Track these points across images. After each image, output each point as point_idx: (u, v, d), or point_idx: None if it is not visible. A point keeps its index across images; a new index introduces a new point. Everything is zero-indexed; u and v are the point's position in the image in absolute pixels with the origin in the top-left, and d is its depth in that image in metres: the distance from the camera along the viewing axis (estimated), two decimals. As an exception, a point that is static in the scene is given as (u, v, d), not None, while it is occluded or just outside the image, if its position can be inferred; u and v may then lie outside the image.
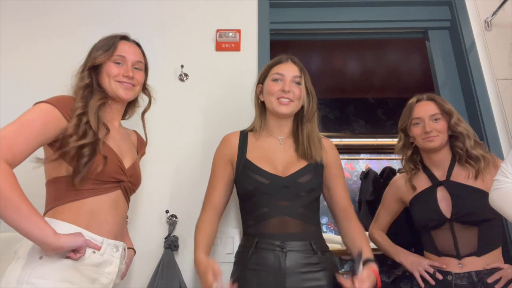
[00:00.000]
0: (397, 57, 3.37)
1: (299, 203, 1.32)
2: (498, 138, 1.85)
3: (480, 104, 1.91)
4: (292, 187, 1.33)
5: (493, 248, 1.44)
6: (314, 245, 1.29)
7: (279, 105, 1.40)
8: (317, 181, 1.37)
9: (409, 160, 1.66)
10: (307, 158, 1.38)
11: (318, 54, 3.39)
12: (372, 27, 2.19)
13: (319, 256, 1.28)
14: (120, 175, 1.24)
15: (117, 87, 1.31)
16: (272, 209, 1.31)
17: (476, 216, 1.44)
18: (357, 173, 3.57)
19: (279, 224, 1.30)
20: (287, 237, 1.28)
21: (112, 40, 1.35)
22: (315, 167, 1.38)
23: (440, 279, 1.45)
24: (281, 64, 1.46)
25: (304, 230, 1.31)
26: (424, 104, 1.61)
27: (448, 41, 2.15)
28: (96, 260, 1.15)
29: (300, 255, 1.27)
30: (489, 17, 2.07)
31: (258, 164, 1.37)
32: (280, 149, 1.42)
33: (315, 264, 1.27)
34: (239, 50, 1.97)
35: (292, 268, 1.25)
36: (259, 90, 1.50)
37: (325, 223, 3.43)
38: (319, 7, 2.18)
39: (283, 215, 1.30)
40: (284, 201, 1.31)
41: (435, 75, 2.11)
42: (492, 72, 1.98)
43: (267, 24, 2.05)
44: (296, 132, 1.45)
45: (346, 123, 3.81)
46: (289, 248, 1.27)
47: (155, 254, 1.61)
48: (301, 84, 1.43)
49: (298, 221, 1.31)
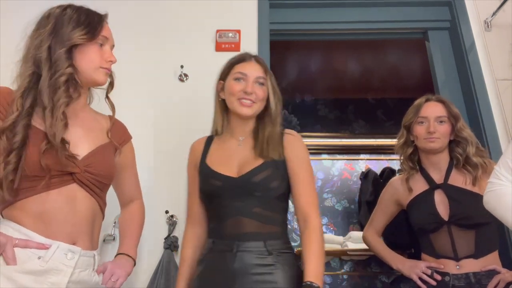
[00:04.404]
0: (397, 57, 3.36)
1: (254, 203, 1.26)
2: (498, 139, 1.85)
3: (480, 104, 1.91)
4: (245, 186, 1.27)
5: (490, 251, 1.46)
6: (269, 245, 1.22)
7: (241, 106, 1.33)
8: (277, 180, 1.29)
9: (408, 159, 1.65)
10: (263, 156, 1.31)
11: (318, 54, 3.38)
12: (372, 28, 2.19)
13: (274, 257, 1.21)
14: (67, 166, 1.06)
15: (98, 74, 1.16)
16: (226, 210, 1.28)
17: (473, 219, 1.44)
18: (357, 173, 3.57)
19: (234, 225, 1.26)
20: (241, 237, 1.23)
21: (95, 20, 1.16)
22: (274, 165, 1.30)
23: (438, 279, 1.45)
24: (244, 62, 1.39)
25: (260, 231, 1.25)
26: (432, 105, 1.61)
27: (448, 41, 2.15)
28: (37, 267, 0.97)
29: (252, 256, 1.21)
30: (489, 18, 2.07)
31: (214, 167, 1.33)
32: (239, 150, 1.37)
33: (269, 266, 1.20)
34: (239, 51, 1.97)
35: (243, 269, 1.19)
36: (220, 87, 1.43)
37: (325, 223, 3.43)
38: (319, 7, 2.18)
39: (237, 216, 1.26)
40: (238, 202, 1.26)
41: (435, 76, 2.11)
42: (492, 73, 1.99)
43: (267, 24, 2.05)
44: (257, 132, 1.38)
45: (346, 123, 3.81)
46: (241, 249, 1.22)
47: (155, 254, 1.61)
48: (265, 85, 1.37)
49: (253, 221, 1.25)
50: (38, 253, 0.99)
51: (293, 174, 1.32)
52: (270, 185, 1.28)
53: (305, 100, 3.89)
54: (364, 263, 3.27)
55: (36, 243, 0.99)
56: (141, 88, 1.90)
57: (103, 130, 1.23)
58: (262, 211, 1.27)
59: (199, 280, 1.26)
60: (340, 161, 3.65)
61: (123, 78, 1.54)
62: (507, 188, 1.18)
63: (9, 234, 0.99)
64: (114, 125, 1.28)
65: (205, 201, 1.36)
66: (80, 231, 1.08)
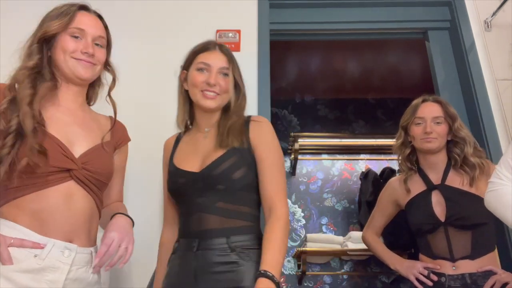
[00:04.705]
0: (397, 57, 3.36)
1: (218, 197, 1.19)
2: (498, 139, 1.85)
3: (479, 104, 1.91)
4: (206, 180, 1.19)
5: (487, 252, 1.46)
6: (232, 242, 1.14)
7: (204, 98, 1.26)
8: (241, 169, 1.20)
9: (406, 160, 1.65)
10: (224, 145, 1.21)
11: (318, 54, 3.38)
12: (372, 28, 2.20)
13: (237, 254, 1.13)
14: (64, 162, 1.06)
15: (74, 65, 1.13)
16: (190, 208, 1.22)
17: (470, 220, 1.45)
18: (357, 173, 3.56)
19: (196, 223, 1.19)
20: (203, 235, 1.16)
21: (69, 9, 1.15)
22: (238, 154, 1.21)
23: (434, 280, 1.46)
24: (208, 52, 1.31)
25: (223, 226, 1.16)
26: (429, 105, 1.62)
27: (448, 41, 2.15)
28: (33, 266, 0.97)
29: (213, 253, 1.13)
30: (489, 18, 2.07)
31: (179, 164, 1.28)
32: (204, 143, 1.29)
33: (231, 263, 1.12)
34: (239, 51, 1.97)
35: (204, 268, 1.13)
36: (183, 77, 1.35)
37: (325, 223, 3.43)
38: (319, 7, 2.18)
39: (200, 213, 1.19)
40: (201, 198, 1.20)
41: (434, 76, 2.11)
42: (492, 73, 1.99)
43: (267, 24, 2.05)
44: (220, 122, 1.30)
45: (345, 123, 3.81)
46: (202, 247, 1.15)
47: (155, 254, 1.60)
48: (229, 75, 1.29)
49: (216, 217, 1.17)
50: (34, 251, 0.99)
51: (259, 161, 1.22)
52: (233, 176, 1.19)
53: (305, 100, 3.88)
54: (364, 263, 3.27)
55: (31, 242, 0.98)
56: (141, 88, 1.90)
57: (102, 130, 1.22)
58: (226, 205, 1.19)
59: (166, 282, 1.22)
60: (340, 161, 3.65)
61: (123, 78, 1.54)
62: (508, 188, 1.18)
63: (4, 233, 0.98)
64: (115, 125, 1.28)
65: (175, 200, 1.32)
66: (77, 229, 1.07)
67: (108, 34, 1.25)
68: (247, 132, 1.25)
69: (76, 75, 1.15)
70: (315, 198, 3.52)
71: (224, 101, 1.30)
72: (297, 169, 3.54)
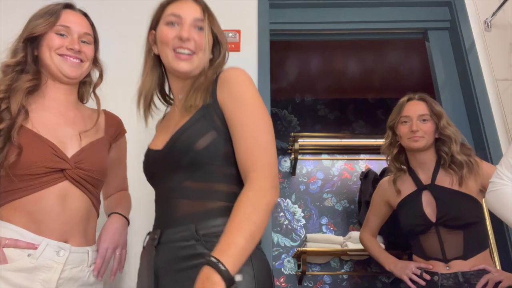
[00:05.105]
0: (397, 57, 3.36)
1: (184, 176, 0.95)
2: (498, 139, 1.84)
3: (479, 105, 1.91)
4: (168, 157, 0.98)
5: (479, 251, 1.45)
6: (202, 229, 0.89)
7: (177, 60, 1.04)
8: (206, 137, 0.94)
9: (394, 160, 1.65)
10: (187, 109, 0.99)
11: (318, 55, 3.38)
12: (371, 28, 2.19)
13: (202, 244, 0.88)
14: (56, 162, 1.05)
15: (60, 62, 1.12)
16: (160, 193, 1.03)
17: (461, 219, 1.44)
18: (357, 173, 3.57)
19: (162, 210, 1.00)
20: (167, 224, 0.95)
21: (54, 8, 1.15)
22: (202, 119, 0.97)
23: (427, 279, 1.45)
24: (178, 2, 1.09)
25: (191, 211, 0.93)
26: (414, 104, 1.62)
27: (447, 41, 2.15)
28: (27, 265, 0.97)
29: (175, 246, 0.91)
30: (489, 18, 2.07)
31: (150, 145, 1.09)
32: (176, 114, 1.07)
33: (196, 257, 0.87)
34: (239, 51, 1.97)
35: (165, 266, 0.91)
36: (152, 39, 1.13)
37: (325, 224, 3.43)
38: (319, 7, 2.18)
39: (167, 198, 0.98)
40: (168, 180, 0.98)
41: (434, 76, 2.11)
42: (492, 73, 1.98)
43: (267, 24, 2.05)
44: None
45: (345, 123, 3.81)
46: (164, 239, 0.94)
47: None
48: (204, 29, 1.07)
49: (184, 201, 0.95)
50: (27, 251, 1.00)
51: (229, 123, 0.95)
52: (196, 146, 0.93)
53: (305, 100, 3.89)
54: (364, 263, 3.27)
55: (25, 242, 0.99)
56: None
57: (96, 126, 1.22)
58: (194, 184, 0.95)
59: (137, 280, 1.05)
60: (340, 161, 3.65)
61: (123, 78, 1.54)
62: (509, 188, 1.17)
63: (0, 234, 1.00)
64: (108, 119, 1.28)
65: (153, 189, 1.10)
66: (72, 229, 1.08)
67: (94, 31, 1.24)
68: (215, 91, 0.99)
69: (63, 73, 1.14)
70: (315, 198, 3.52)
71: (201, 62, 1.07)
72: (297, 169, 3.54)
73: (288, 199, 3.50)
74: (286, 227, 3.40)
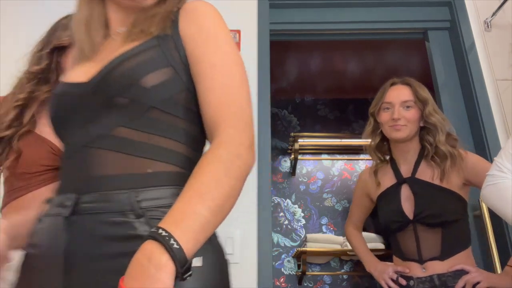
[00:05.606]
0: (397, 57, 3.37)
1: (116, 120, 0.67)
2: (498, 139, 1.85)
3: (479, 105, 1.91)
4: (97, 91, 0.69)
5: (459, 251, 1.34)
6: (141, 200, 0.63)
7: None
8: (159, 72, 0.68)
9: (376, 149, 1.52)
10: (135, 35, 0.73)
11: (318, 55, 3.38)
12: (372, 28, 2.20)
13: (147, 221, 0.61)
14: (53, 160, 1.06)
15: None
16: (73, 144, 0.71)
17: (439, 217, 1.33)
18: (357, 173, 3.57)
19: (77, 167, 0.68)
20: (87, 186, 0.65)
21: None
22: (156, 49, 0.71)
23: (403, 284, 1.36)
24: None
25: (125, 171, 0.65)
26: (397, 88, 1.48)
27: (447, 41, 2.15)
28: None
29: (101, 220, 0.62)
30: (489, 18, 2.07)
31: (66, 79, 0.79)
32: (111, 45, 0.78)
33: (136, 238, 0.58)
34: (239, 51, 1.97)
35: (82, 249, 0.61)
36: None
37: (325, 224, 3.43)
38: (319, 7, 2.18)
39: (86, 148, 0.68)
40: (90, 123, 0.69)
41: (434, 76, 2.11)
42: (492, 73, 1.98)
43: (267, 24, 2.05)
44: None
45: (345, 123, 3.81)
46: (82, 208, 0.64)
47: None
48: None
49: (114, 154, 0.66)
50: None
51: (196, 61, 0.71)
52: (141, 81, 0.66)
53: (305, 100, 3.89)
54: (364, 263, 3.27)
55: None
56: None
57: None
58: (132, 133, 0.67)
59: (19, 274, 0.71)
60: (340, 161, 3.65)
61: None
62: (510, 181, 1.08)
63: None
64: None
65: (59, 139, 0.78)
66: None
67: None
68: (176, 23, 0.75)
69: None
70: (315, 198, 3.52)
71: None
72: (297, 169, 3.55)
73: (288, 199, 3.50)
74: (286, 227, 3.40)
